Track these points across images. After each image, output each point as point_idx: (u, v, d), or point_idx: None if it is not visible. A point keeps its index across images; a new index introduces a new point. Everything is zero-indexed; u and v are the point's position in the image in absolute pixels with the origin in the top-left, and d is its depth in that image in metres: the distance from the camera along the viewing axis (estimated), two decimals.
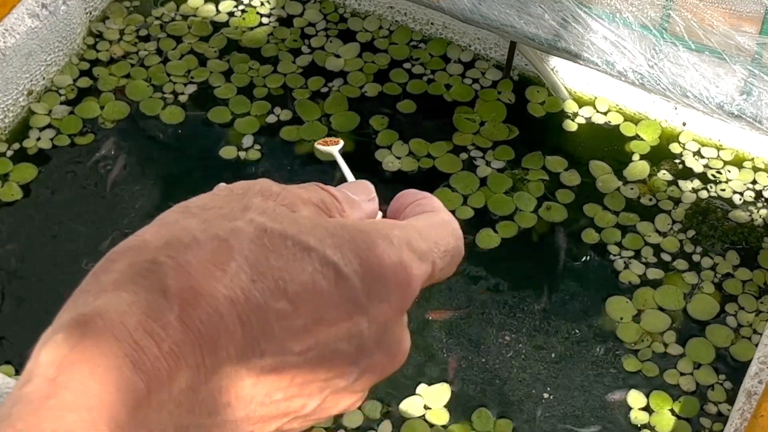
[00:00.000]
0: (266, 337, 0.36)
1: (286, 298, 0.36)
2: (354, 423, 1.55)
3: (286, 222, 0.38)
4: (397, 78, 1.94)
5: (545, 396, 1.59)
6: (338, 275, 0.38)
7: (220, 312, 0.35)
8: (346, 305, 0.38)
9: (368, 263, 0.38)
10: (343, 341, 0.38)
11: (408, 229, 0.41)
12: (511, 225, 1.75)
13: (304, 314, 0.37)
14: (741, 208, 1.77)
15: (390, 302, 0.39)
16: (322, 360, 0.38)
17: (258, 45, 1.99)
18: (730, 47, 1.54)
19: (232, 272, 0.36)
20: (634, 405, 1.57)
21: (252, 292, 0.36)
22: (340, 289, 0.38)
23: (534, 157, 1.83)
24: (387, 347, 0.40)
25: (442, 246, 0.43)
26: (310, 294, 0.37)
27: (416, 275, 0.40)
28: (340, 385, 0.40)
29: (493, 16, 1.68)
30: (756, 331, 1.63)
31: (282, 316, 0.36)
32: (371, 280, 0.38)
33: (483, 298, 1.68)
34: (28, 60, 1.84)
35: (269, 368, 0.36)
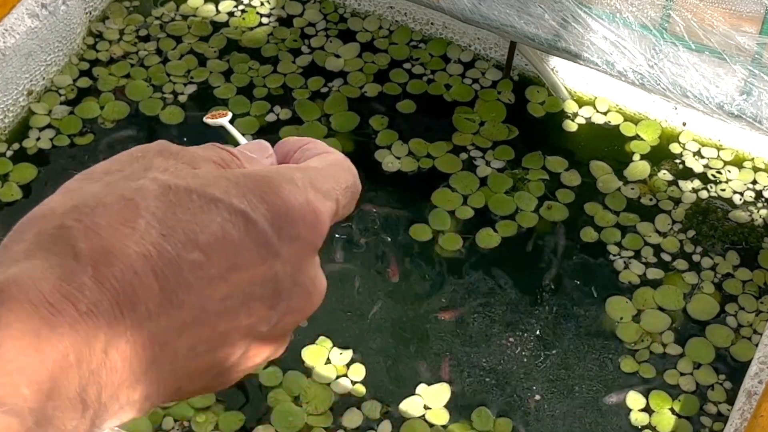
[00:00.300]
0: (183, 289, 0.36)
1: (198, 249, 0.37)
2: (354, 423, 1.55)
3: (189, 177, 0.39)
4: (397, 78, 1.94)
5: (545, 396, 1.58)
6: (247, 221, 0.38)
7: (134, 268, 0.36)
8: (259, 249, 0.38)
9: (275, 207, 0.39)
10: (259, 285, 0.39)
11: (308, 170, 0.42)
12: (511, 224, 1.75)
13: (217, 263, 0.37)
14: (741, 208, 1.77)
15: (301, 242, 0.40)
16: (241, 306, 0.38)
17: (258, 45, 1.99)
18: (730, 47, 1.54)
19: (141, 229, 0.36)
20: (634, 405, 1.57)
21: (164, 246, 0.36)
22: (250, 235, 0.38)
23: (534, 157, 1.83)
24: (303, 287, 0.41)
25: (342, 183, 0.44)
26: (221, 243, 0.37)
27: (323, 213, 0.41)
28: (261, 330, 0.40)
29: (493, 16, 1.68)
30: (756, 331, 1.63)
31: (196, 267, 0.37)
32: (280, 222, 0.39)
33: (483, 298, 1.68)
34: (27, 60, 1.84)
35: (191, 320, 0.37)
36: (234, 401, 1.58)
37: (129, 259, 0.36)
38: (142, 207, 0.37)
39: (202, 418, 1.55)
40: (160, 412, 1.56)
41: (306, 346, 1.62)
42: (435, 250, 1.73)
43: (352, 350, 1.62)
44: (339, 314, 1.66)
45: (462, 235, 1.74)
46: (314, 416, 1.56)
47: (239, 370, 0.42)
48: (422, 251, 1.73)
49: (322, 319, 1.65)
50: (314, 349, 1.62)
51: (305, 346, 1.62)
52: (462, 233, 1.74)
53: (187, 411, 1.56)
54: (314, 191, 0.41)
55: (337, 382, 1.59)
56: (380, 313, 1.66)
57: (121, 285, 0.35)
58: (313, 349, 1.62)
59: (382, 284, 1.69)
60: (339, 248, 1.73)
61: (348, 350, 1.62)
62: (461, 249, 1.73)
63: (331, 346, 1.62)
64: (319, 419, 1.55)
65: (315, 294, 0.42)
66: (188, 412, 1.56)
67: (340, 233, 1.74)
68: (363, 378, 1.59)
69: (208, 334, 0.38)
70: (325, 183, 0.42)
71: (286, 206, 0.39)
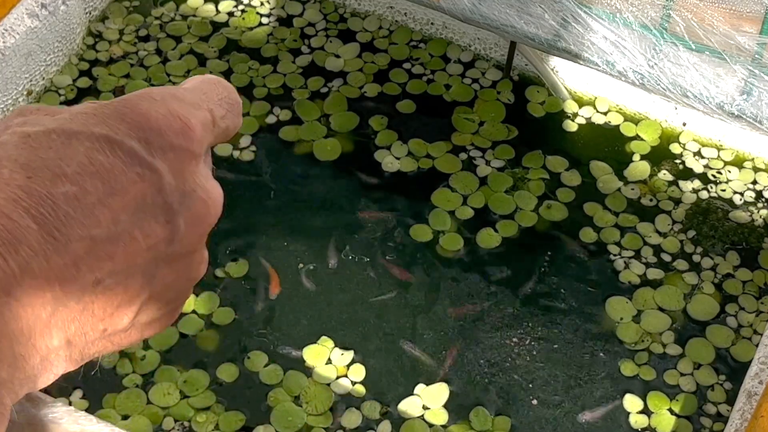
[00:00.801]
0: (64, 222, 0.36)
1: (69, 181, 0.37)
2: (353, 423, 1.55)
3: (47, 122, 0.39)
4: (397, 78, 1.94)
5: (544, 396, 1.58)
6: (112, 144, 0.38)
7: (5, 213, 0.36)
8: (132, 168, 0.38)
9: (137, 123, 0.39)
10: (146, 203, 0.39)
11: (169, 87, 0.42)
12: (512, 224, 1.75)
13: (93, 190, 0.37)
14: (741, 209, 1.77)
15: (176, 152, 0.40)
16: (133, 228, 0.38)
17: (258, 45, 1.99)
18: (730, 47, 1.54)
19: (6, 178, 0.36)
20: (634, 405, 1.57)
21: (32, 187, 0.36)
22: (119, 156, 0.38)
23: (534, 156, 1.83)
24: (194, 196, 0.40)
25: (213, 95, 0.43)
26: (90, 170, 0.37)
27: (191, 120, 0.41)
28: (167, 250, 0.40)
29: (493, 16, 1.68)
30: (756, 332, 1.63)
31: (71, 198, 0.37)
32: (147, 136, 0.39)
33: (483, 298, 1.68)
34: (27, 60, 1.84)
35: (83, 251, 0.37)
36: (234, 401, 1.58)
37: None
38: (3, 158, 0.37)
39: (202, 418, 1.55)
40: (160, 412, 1.56)
41: (307, 345, 1.62)
42: (435, 250, 1.73)
43: (353, 351, 1.62)
44: (341, 314, 1.66)
45: (462, 236, 1.74)
46: (314, 416, 1.56)
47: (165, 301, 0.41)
48: (423, 252, 1.73)
49: (324, 319, 1.65)
50: (315, 348, 1.62)
51: (307, 345, 1.62)
52: (462, 233, 1.74)
53: (188, 411, 1.56)
54: (177, 102, 0.41)
55: (337, 382, 1.59)
56: (380, 312, 1.66)
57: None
58: (314, 349, 1.62)
59: (383, 285, 1.69)
60: (338, 249, 1.73)
61: (349, 351, 1.62)
62: (462, 249, 1.73)
63: (333, 346, 1.62)
64: (318, 419, 1.55)
65: (210, 201, 0.41)
66: (188, 413, 1.56)
67: (339, 233, 1.74)
68: (363, 378, 1.59)
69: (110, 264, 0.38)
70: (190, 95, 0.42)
71: (147, 120, 0.39)
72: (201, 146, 0.41)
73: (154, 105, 0.40)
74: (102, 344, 0.40)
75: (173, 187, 0.39)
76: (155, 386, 1.58)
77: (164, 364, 1.60)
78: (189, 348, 1.62)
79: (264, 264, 1.71)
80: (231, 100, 0.44)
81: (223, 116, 0.43)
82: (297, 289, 1.68)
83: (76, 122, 0.39)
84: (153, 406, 1.56)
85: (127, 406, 1.56)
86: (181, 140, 0.40)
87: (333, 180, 1.80)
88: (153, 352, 1.61)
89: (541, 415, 1.57)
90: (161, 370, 1.59)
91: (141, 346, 1.62)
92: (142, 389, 1.58)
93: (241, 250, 1.72)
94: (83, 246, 0.37)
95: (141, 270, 0.39)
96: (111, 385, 1.57)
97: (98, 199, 0.37)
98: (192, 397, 1.57)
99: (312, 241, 1.73)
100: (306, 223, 1.75)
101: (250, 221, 1.76)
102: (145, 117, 0.39)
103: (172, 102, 0.41)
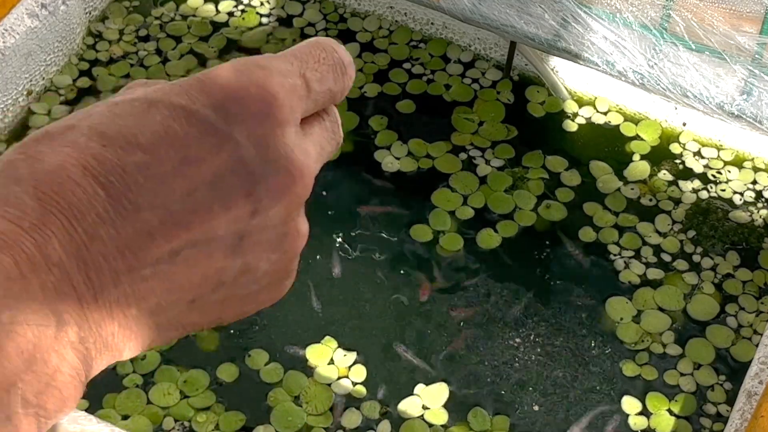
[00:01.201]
0: (133, 190, 0.36)
1: (141, 150, 0.37)
2: (353, 423, 1.55)
3: (138, 91, 0.39)
4: (397, 78, 1.94)
5: (544, 396, 1.58)
6: (188, 114, 0.38)
7: (74, 180, 0.36)
8: (208, 138, 0.38)
9: (214, 93, 0.38)
10: (225, 174, 0.38)
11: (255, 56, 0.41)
12: (512, 225, 1.75)
13: (165, 159, 0.37)
14: (741, 209, 1.77)
15: (256, 120, 0.39)
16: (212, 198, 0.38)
17: (258, 45, 1.99)
18: (730, 47, 1.54)
19: (82, 145, 0.36)
20: (634, 405, 1.57)
21: (104, 155, 0.36)
22: (194, 126, 0.38)
23: (534, 156, 1.83)
24: (278, 165, 0.39)
25: (309, 59, 0.42)
26: (164, 139, 0.37)
27: (275, 86, 0.39)
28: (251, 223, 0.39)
29: (493, 16, 1.68)
30: (756, 332, 1.63)
31: (142, 167, 0.37)
32: (224, 106, 0.38)
33: (483, 298, 1.68)
34: (27, 60, 1.84)
35: (157, 221, 0.37)
36: (234, 401, 1.58)
37: (67, 172, 0.36)
38: (85, 126, 0.37)
39: (202, 417, 1.55)
40: (160, 412, 1.56)
41: (310, 345, 1.62)
42: (436, 250, 1.73)
43: (356, 352, 1.62)
44: (342, 315, 1.66)
45: (462, 236, 1.74)
46: (314, 416, 1.56)
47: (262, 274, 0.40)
48: (423, 252, 1.73)
49: (327, 319, 1.65)
50: (319, 348, 1.62)
51: (310, 344, 1.62)
52: (462, 233, 1.74)
53: (188, 411, 1.56)
54: (260, 69, 0.40)
55: (337, 382, 1.59)
56: (381, 312, 1.66)
57: (62, 198, 0.35)
58: (317, 348, 1.62)
59: (383, 285, 1.69)
60: (340, 249, 1.73)
61: (352, 352, 1.61)
62: (462, 249, 1.73)
63: (336, 346, 1.62)
64: (318, 419, 1.55)
65: (295, 170, 0.39)
66: (188, 412, 1.56)
67: (341, 234, 1.74)
68: (364, 379, 1.59)
69: (186, 234, 0.37)
70: (279, 62, 0.41)
71: (226, 90, 0.39)
72: (287, 114, 0.40)
73: (235, 75, 0.39)
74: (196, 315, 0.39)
75: (253, 157, 0.38)
76: (155, 386, 1.58)
77: (164, 364, 1.60)
78: (189, 348, 1.62)
79: None
80: (332, 60, 0.42)
81: (320, 79, 0.42)
82: (298, 287, 1.68)
83: (160, 91, 0.38)
84: (153, 406, 1.56)
85: (127, 406, 1.56)
86: (262, 109, 0.39)
87: (333, 180, 1.80)
88: (153, 352, 1.61)
89: (540, 415, 1.57)
90: (161, 370, 1.59)
91: None
92: (142, 389, 1.58)
93: None
94: (156, 215, 0.36)
95: (224, 242, 0.38)
96: (111, 385, 1.57)
97: (172, 168, 0.37)
98: (192, 397, 1.57)
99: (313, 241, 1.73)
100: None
101: None
102: (225, 87, 0.39)
103: (255, 70, 0.40)
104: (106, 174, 0.36)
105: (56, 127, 0.38)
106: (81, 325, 0.35)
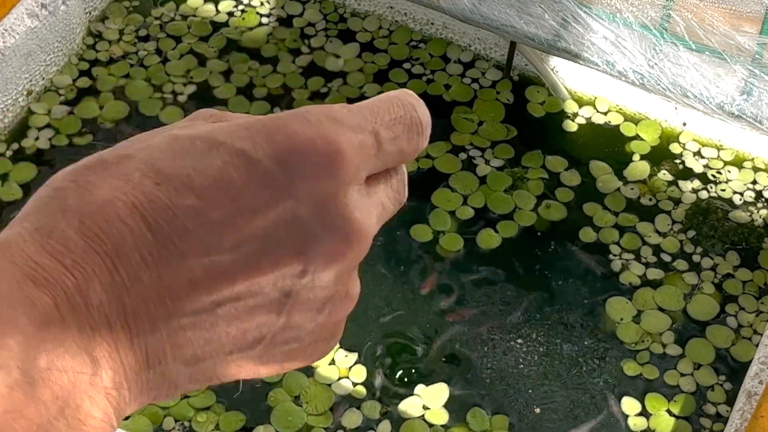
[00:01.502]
0: (180, 236, 0.35)
1: (194, 194, 0.35)
2: (353, 423, 1.55)
3: (202, 128, 0.37)
4: (397, 78, 1.94)
5: (544, 396, 1.58)
6: (249, 162, 0.36)
7: (121, 218, 0.34)
8: (266, 191, 0.36)
9: (280, 144, 0.36)
10: (278, 230, 0.36)
11: (330, 107, 0.38)
12: (512, 225, 1.75)
13: (218, 207, 0.35)
14: (741, 209, 1.77)
15: (318, 177, 0.36)
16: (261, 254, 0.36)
17: (258, 45, 1.99)
18: (730, 47, 1.54)
19: (135, 181, 0.35)
20: (633, 405, 1.57)
21: (156, 195, 0.34)
22: (253, 176, 0.35)
23: (534, 156, 1.83)
24: (334, 228, 0.37)
25: (385, 114, 0.39)
26: (219, 185, 0.35)
27: (344, 144, 0.37)
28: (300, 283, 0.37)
29: (493, 16, 1.68)
30: (756, 332, 1.63)
31: (193, 213, 0.35)
32: (287, 159, 0.36)
33: (483, 298, 1.68)
34: (27, 60, 1.84)
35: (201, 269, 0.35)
36: (234, 401, 1.58)
37: (116, 209, 0.34)
38: (142, 160, 0.35)
39: (202, 417, 1.55)
40: (160, 412, 1.56)
41: None
42: (436, 250, 1.73)
43: (357, 353, 1.62)
44: None
45: (462, 236, 1.74)
46: (314, 416, 1.56)
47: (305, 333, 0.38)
48: (423, 252, 1.73)
49: None
50: None
51: None
52: (462, 233, 1.74)
53: (188, 411, 1.56)
54: (332, 123, 0.37)
55: (338, 382, 1.59)
56: (380, 312, 1.66)
57: (107, 235, 0.34)
58: None
59: (383, 285, 1.69)
60: None
61: (354, 353, 1.61)
62: (462, 249, 1.73)
63: (338, 346, 1.62)
64: (318, 419, 1.55)
65: (352, 234, 0.37)
66: (189, 412, 1.56)
67: None
68: (364, 380, 1.59)
69: (230, 288, 0.35)
70: (353, 117, 0.38)
71: (291, 141, 0.36)
72: (352, 173, 0.37)
73: (304, 126, 0.37)
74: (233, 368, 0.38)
75: (311, 217, 0.36)
76: None
77: None
78: None
79: None
80: (409, 119, 0.40)
81: (394, 138, 0.39)
82: None
83: (225, 132, 0.36)
84: (153, 406, 1.56)
85: None
86: (326, 166, 0.36)
87: None
88: None
89: (539, 414, 1.57)
90: None
91: None
92: None
93: None
94: (200, 265, 0.35)
95: (269, 298, 0.36)
96: None
97: (223, 218, 0.35)
98: (192, 397, 1.57)
99: None
100: None
101: None
102: (292, 138, 0.36)
103: (327, 123, 0.37)
104: (155, 215, 0.34)
105: (112, 156, 0.36)
106: (116, 370, 0.34)
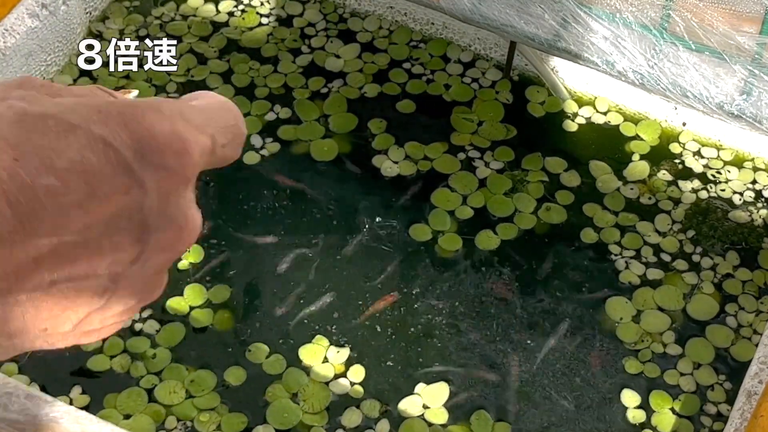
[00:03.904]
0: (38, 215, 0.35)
1: (54, 175, 0.35)
2: (353, 422, 1.55)
3: (47, 104, 0.37)
4: (397, 78, 1.94)
5: (543, 396, 1.58)
6: (107, 148, 0.37)
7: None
8: (120, 178, 0.37)
9: (138, 134, 0.38)
10: (123, 217, 0.37)
11: (180, 103, 0.40)
12: (511, 227, 1.75)
13: (75, 189, 0.36)
14: (741, 208, 1.77)
15: (168, 172, 0.38)
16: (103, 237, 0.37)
17: (258, 45, 1.99)
18: (730, 47, 1.54)
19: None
20: (634, 405, 1.57)
21: (16, 170, 0.35)
22: (110, 162, 0.37)
23: (534, 158, 1.83)
24: (172, 220, 0.39)
25: (220, 121, 0.42)
26: (79, 169, 0.36)
27: (192, 143, 0.39)
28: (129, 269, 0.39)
29: (493, 16, 1.68)
30: (756, 332, 1.63)
31: (51, 193, 0.35)
32: (143, 150, 0.37)
33: (482, 299, 1.68)
34: (28, 60, 1.84)
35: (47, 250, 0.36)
36: (238, 403, 1.58)
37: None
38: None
39: (205, 417, 1.55)
40: (163, 411, 1.56)
41: (303, 345, 1.62)
42: (435, 250, 1.73)
43: (348, 348, 1.62)
44: (335, 313, 1.66)
45: (462, 236, 1.74)
46: (310, 414, 1.56)
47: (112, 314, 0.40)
48: (422, 252, 1.73)
49: (319, 319, 1.65)
50: (311, 347, 1.62)
51: (303, 344, 1.62)
52: (462, 234, 1.74)
53: (191, 411, 1.56)
54: (183, 121, 0.39)
55: (336, 381, 1.59)
56: (381, 312, 1.66)
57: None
58: (309, 348, 1.62)
59: (383, 285, 1.69)
60: (337, 247, 1.73)
61: (344, 348, 1.62)
62: (461, 249, 1.73)
63: (328, 344, 1.62)
64: (315, 418, 1.55)
65: (187, 229, 0.40)
66: (191, 412, 1.56)
67: (336, 233, 1.74)
68: (362, 379, 1.59)
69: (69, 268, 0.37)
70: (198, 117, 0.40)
71: (149, 134, 0.38)
72: (194, 171, 0.40)
73: (159, 119, 0.38)
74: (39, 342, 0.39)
75: (154, 207, 0.38)
76: (162, 384, 1.58)
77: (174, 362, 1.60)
78: (192, 345, 1.63)
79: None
80: (236, 129, 0.43)
81: (224, 144, 0.42)
82: (299, 288, 1.68)
83: (78, 114, 0.37)
84: (155, 405, 1.56)
85: (128, 405, 1.56)
86: (175, 162, 0.38)
87: (332, 180, 1.80)
88: (164, 349, 1.61)
89: (541, 413, 1.57)
90: (170, 368, 1.60)
91: (149, 345, 1.62)
92: (144, 388, 1.58)
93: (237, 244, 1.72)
94: (49, 244, 0.36)
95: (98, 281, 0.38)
96: (112, 385, 1.57)
97: (78, 200, 0.36)
98: (197, 397, 1.57)
99: (313, 241, 1.74)
100: (302, 223, 1.75)
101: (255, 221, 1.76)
102: (148, 130, 0.38)
103: (179, 121, 0.39)
104: (15, 192, 0.35)
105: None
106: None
